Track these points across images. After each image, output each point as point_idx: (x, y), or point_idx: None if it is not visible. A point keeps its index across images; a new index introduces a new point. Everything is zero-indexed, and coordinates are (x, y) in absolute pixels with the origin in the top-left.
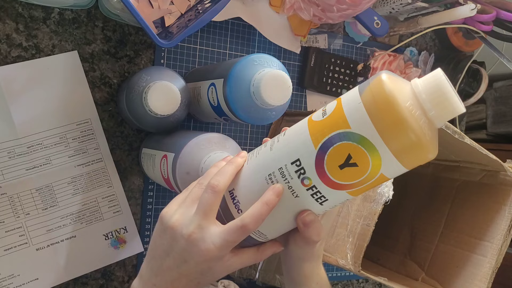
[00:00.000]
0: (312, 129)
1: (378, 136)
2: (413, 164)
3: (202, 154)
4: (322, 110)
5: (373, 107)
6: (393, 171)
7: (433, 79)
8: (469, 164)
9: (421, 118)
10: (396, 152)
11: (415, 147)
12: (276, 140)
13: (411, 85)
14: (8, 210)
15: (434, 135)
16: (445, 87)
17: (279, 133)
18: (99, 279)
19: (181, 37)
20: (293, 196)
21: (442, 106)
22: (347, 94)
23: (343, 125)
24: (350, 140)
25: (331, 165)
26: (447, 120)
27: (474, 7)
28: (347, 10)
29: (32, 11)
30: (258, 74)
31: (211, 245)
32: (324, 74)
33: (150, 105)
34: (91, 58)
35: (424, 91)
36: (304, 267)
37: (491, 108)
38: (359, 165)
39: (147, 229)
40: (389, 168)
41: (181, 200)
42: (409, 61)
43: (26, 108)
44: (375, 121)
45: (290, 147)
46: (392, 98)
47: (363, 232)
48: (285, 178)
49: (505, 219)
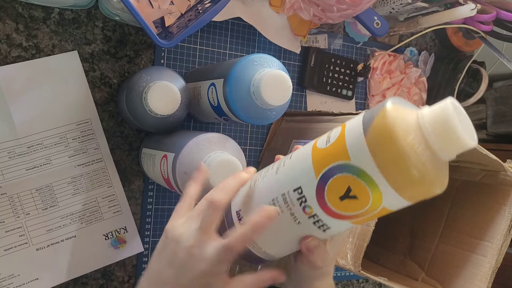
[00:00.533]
0: (315, 156)
1: (378, 171)
2: (416, 198)
3: (202, 154)
4: (327, 136)
5: (374, 141)
6: (396, 204)
7: (439, 110)
8: (469, 164)
9: (425, 152)
10: (397, 188)
11: (417, 183)
12: (282, 163)
13: (417, 114)
14: (8, 210)
15: (442, 168)
16: (452, 120)
17: (291, 152)
18: (99, 279)
19: (181, 37)
20: (295, 223)
21: (448, 140)
22: (351, 122)
23: (344, 156)
24: (350, 173)
25: (331, 196)
26: (456, 154)
27: (474, 7)
28: (347, 10)
29: (32, 11)
30: (258, 74)
31: (206, 260)
32: (324, 74)
33: (150, 105)
34: (91, 58)
35: (430, 123)
36: (313, 285)
37: (491, 108)
38: (359, 198)
39: (147, 229)
40: (391, 202)
41: (184, 213)
42: (409, 61)
43: (26, 108)
44: (375, 155)
45: (294, 173)
46: (393, 133)
47: (363, 232)
48: (287, 205)
49: (505, 219)
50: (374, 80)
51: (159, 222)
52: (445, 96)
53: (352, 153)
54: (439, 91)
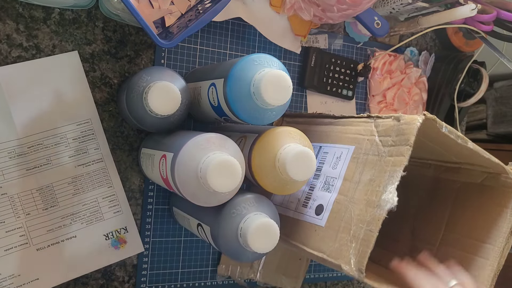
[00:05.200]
0: None
1: None
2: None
3: (201, 154)
4: None
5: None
6: None
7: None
8: (470, 166)
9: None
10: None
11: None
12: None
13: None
14: (9, 210)
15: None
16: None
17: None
18: (99, 279)
19: (182, 37)
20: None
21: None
22: None
23: None
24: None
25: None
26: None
27: (474, 7)
28: (348, 10)
29: (33, 11)
30: (258, 74)
31: None
32: (324, 74)
33: (150, 105)
34: (91, 58)
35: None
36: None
37: (492, 108)
38: None
39: (147, 229)
40: None
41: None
42: (410, 61)
43: (26, 108)
44: None
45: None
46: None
47: (367, 238)
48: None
49: (507, 222)
50: (374, 80)
51: (160, 222)
52: (445, 96)
53: None
54: (440, 91)
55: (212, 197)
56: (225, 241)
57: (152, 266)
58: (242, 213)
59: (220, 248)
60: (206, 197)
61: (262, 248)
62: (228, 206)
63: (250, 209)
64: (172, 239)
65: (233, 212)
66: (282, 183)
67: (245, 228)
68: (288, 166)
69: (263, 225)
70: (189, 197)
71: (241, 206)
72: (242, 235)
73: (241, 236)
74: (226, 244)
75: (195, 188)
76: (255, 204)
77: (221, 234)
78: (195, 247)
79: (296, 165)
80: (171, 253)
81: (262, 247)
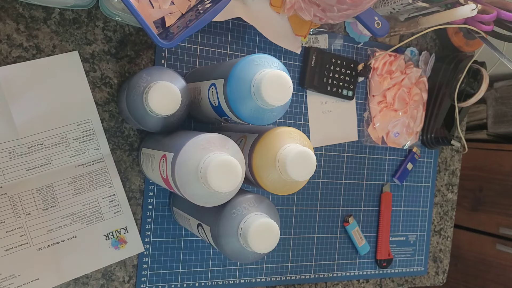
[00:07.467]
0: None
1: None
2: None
3: (202, 154)
4: None
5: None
6: None
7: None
8: None
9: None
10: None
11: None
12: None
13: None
14: (9, 210)
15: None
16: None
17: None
18: (99, 279)
19: (182, 38)
20: None
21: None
22: None
23: None
24: None
25: None
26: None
27: (474, 7)
28: (348, 10)
29: (33, 11)
30: (258, 74)
31: None
32: (324, 74)
33: (150, 105)
34: (91, 58)
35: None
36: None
37: (492, 108)
38: None
39: (147, 229)
40: None
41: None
42: (410, 61)
43: (26, 108)
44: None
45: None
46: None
47: None
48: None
49: None
50: (374, 80)
51: (160, 222)
52: (445, 96)
53: None
54: (440, 91)
55: (212, 197)
56: (225, 241)
57: (153, 266)
58: (242, 213)
59: (220, 248)
60: (206, 197)
61: (263, 248)
62: (228, 206)
63: (250, 209)
64: (173, 239)
65: (233, 212)
66: (282, 183)
67: (245, 228)
68: (288, 166)
69: (264, 225)
70: (189, 197)
71: (241, 206)
72: (242, 235)
73: (241, 236)
74: (226, 244)
75: (195, 188)
76: (255, 204)
77: (221, 234)
78: (195, 247)
79: (296, 165)
80: (172, 253)
81: (262, 247)
